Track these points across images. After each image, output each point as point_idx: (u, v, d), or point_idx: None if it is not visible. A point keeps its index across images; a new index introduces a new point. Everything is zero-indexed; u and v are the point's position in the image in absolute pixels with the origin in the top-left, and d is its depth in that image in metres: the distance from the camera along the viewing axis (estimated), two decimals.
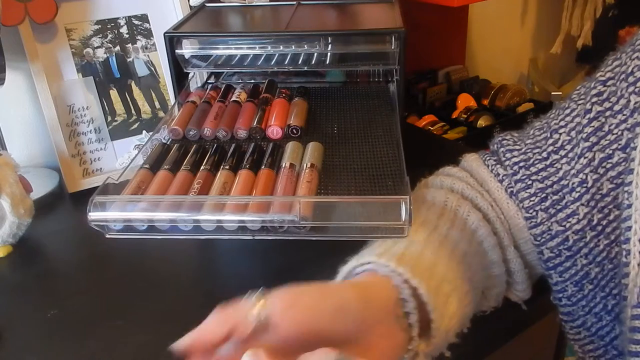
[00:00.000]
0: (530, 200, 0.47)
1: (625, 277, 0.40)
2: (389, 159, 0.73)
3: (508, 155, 0.50)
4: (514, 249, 0.49)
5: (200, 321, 0.36)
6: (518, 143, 0.51)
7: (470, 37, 1.72)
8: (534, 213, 0.47)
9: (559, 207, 0.45)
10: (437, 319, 0.39)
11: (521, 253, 0.50)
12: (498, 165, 0.51)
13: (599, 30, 1.70)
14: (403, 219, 0.60)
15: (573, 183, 0.44)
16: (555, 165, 0.46)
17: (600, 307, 0.45)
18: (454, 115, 1.53)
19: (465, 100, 1.57)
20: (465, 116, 1.50)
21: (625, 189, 0.40)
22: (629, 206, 0.39)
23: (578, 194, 0.44)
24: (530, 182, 0.48)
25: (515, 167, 0.49)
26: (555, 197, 0.46)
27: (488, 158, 0.53)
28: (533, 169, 0.48)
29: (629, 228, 0.39)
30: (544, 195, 0.46)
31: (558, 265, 0.46)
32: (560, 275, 0.46)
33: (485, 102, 1.59)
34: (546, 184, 0.46)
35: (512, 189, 0.49)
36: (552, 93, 1.75)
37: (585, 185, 0.43)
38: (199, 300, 0.59)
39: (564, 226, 0.45)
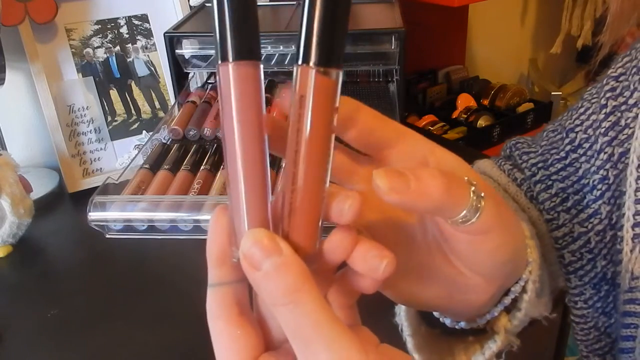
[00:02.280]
0: (552, 202, 0.46)
1: (619, 263, 0.40)
2: None
3: (525, 157, 0.49)
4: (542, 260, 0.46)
5: (200, 321, 0.36)
6: (533, 146, 0.50)
7: (470, 37, 1.72)
8: (556, 215, 0.46)
9: (580, 207, 0.44)
10: (529, 292, 0.34)
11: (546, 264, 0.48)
12: (515, 169, 0.49)
13: (599, 30, 1.70)
14: None
15: (594, 180, 0.43)
16: (575, 165, 0.45)
17: (611, 306, 0.44)
18: (454, 115, 1.53)
19: (465, 100, 1.57)
20: (465, 116, 1.50)
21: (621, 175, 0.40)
22: (624, 193, 0.40)
23: (599, 191, 0.43)
24: (550, 183, 0.46)
25: (534, 169, 0.47)
26: (576, 197, 0.45)
27: (503, 163, 0.51)
28: (552, 169, 0.46)
29: (623, 215, 0.39)
30: (565, 195, 0.45)
31: (579, 269, 0.45)
32: (580, 279, 0.45)
33: (485, 102, 1.59)
34: (567, 184, 0.45)
35: (531, 193, 0.48)
36: (552, 93, 1.75)
37: (607, 182, 0.42)
38: (198, 300, 0.59)
39: (586, 227, 0.44)
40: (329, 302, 0.27)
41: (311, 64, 0.22)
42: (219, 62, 0.22)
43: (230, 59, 0.22)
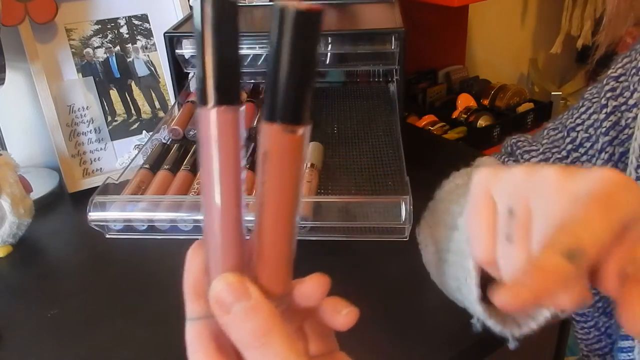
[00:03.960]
0: None
1: None
2: (389, 159, 0.73)
3: (526, 156, 0.49)
4: None
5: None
6: (534, 144, 0.50)
7: (470, 37, 1.72)
8: None
9: None
10: None
11: None
12: None
13: (598, 30, 1.70)
14: (403, 219, 0.60)
15: None
16: (576, 163, 0.46)
17: (612, 306, 0.45)
18: (454, 115, 1.53)
19: (465, 100, 1.57)
20: (465, 116, 1.50)
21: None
22: None
23: None
24: None
25: None
26: None
27: (506, 159, 0.51)
28: None
29: None
30: None
31: None
32: None
33: (485, 102, 1.59)
34: None
35: None
36: (552, 93, 1.75)
37: None
38: None
39: None
40: (307, 331, 0.28)
41: (277, 121, 0.22)
42: (199, 105, 0.22)
43: (212, 104, 0.22)
